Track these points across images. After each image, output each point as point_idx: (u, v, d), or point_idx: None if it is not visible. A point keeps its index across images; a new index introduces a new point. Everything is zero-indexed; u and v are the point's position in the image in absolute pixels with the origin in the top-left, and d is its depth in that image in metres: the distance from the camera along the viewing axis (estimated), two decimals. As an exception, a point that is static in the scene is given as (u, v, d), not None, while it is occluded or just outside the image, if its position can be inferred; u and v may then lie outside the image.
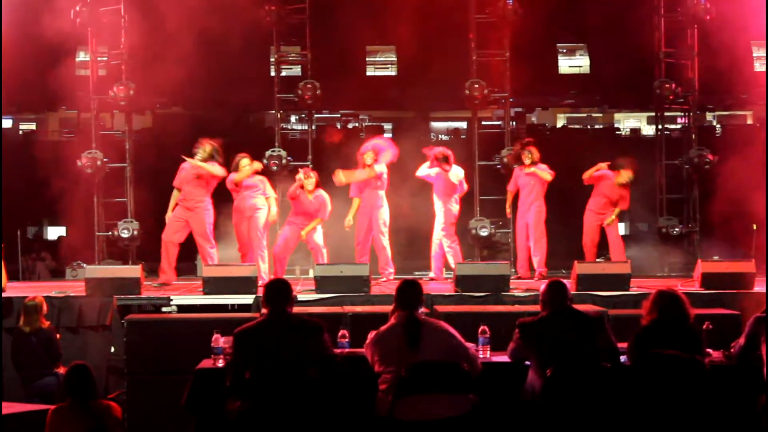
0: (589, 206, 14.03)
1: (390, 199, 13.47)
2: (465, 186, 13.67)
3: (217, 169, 12.76)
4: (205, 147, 12.79)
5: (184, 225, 12.87)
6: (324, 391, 6.76)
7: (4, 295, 11.28)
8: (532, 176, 13.76)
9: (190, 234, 12.93)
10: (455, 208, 13.56)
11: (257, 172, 13.19)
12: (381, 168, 13.19)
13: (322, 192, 13.01)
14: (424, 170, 13.54)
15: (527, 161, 13.80)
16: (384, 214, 13.31)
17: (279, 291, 6.90)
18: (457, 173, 13.46)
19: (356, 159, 13.40)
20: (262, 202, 13.05)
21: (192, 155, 12.78)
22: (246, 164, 13.03)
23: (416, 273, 14.46)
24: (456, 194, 13.54)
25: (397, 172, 13.75)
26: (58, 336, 10.60)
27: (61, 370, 10.01)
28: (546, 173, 13.70)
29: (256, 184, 13.05)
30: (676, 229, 16.15)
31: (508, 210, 14.43)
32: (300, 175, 12.97)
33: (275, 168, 15.39)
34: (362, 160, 13.23)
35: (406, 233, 14.83)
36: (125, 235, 15.62)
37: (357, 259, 13.06)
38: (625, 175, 13.75)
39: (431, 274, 13.67)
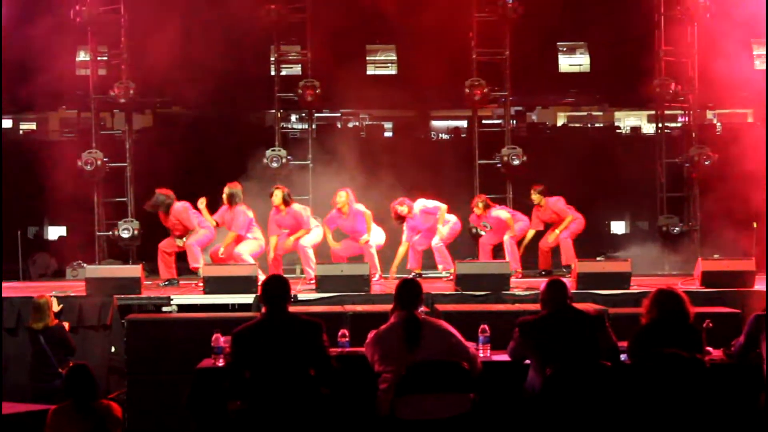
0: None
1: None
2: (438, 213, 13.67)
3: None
4: (158, 197, 12.95)
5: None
6: (323, 390, 6.74)
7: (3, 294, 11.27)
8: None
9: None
10: (444, 230, 13.66)
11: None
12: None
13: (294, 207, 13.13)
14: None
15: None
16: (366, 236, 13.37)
17: (276, 289, 6.86)
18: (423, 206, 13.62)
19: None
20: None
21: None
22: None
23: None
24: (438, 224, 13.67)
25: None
26: (67, 329, 10.60)
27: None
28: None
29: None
30: (677, 228, 16.16)
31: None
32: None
33: (275, 166, 15.38)
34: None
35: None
36: (125, 234, 15.64)
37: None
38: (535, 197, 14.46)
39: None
